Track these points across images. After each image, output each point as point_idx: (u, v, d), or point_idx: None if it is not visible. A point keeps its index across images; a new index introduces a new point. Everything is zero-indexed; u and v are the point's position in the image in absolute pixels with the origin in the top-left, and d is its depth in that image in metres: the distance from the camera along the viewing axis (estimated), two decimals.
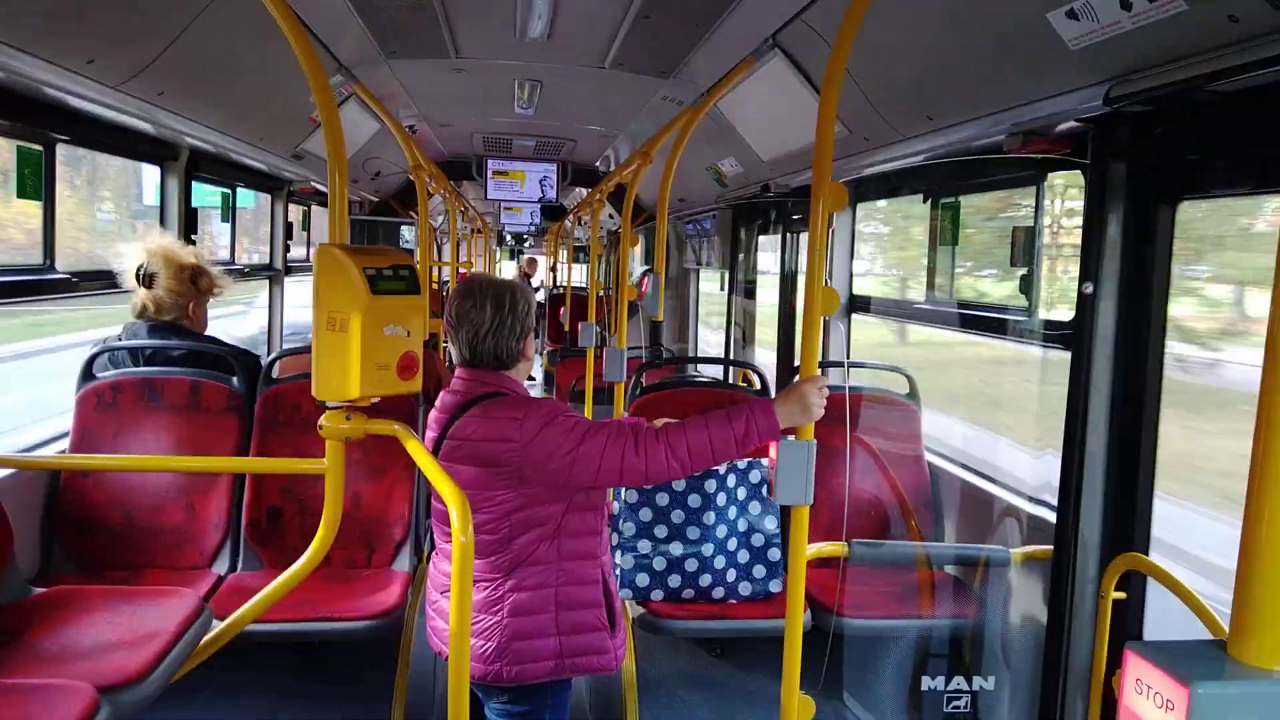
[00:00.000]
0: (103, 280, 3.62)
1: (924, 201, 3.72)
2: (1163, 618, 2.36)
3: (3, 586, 2.19)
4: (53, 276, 3.29)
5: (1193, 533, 4.59)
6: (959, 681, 2.76)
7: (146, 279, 3.47)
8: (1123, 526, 2.36)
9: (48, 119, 3.13)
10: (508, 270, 20.75)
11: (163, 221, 4.25)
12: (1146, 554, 2.31)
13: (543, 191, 7.79)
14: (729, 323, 6.33)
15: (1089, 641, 2.33)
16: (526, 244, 19.68)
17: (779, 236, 5.38)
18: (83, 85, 2.75)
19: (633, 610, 3.31)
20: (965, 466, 3.77)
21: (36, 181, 3.17)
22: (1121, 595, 2.28)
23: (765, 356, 6.29)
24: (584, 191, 8.82)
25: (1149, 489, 2.37)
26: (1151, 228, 2.32)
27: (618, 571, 3.29)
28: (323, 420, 2.09)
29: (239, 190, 5.17)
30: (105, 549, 3.29)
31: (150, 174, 4.32)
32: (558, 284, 12.59)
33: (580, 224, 9.57)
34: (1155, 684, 1.00)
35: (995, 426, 7.15)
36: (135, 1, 2.56)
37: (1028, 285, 2.91)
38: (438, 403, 2.41)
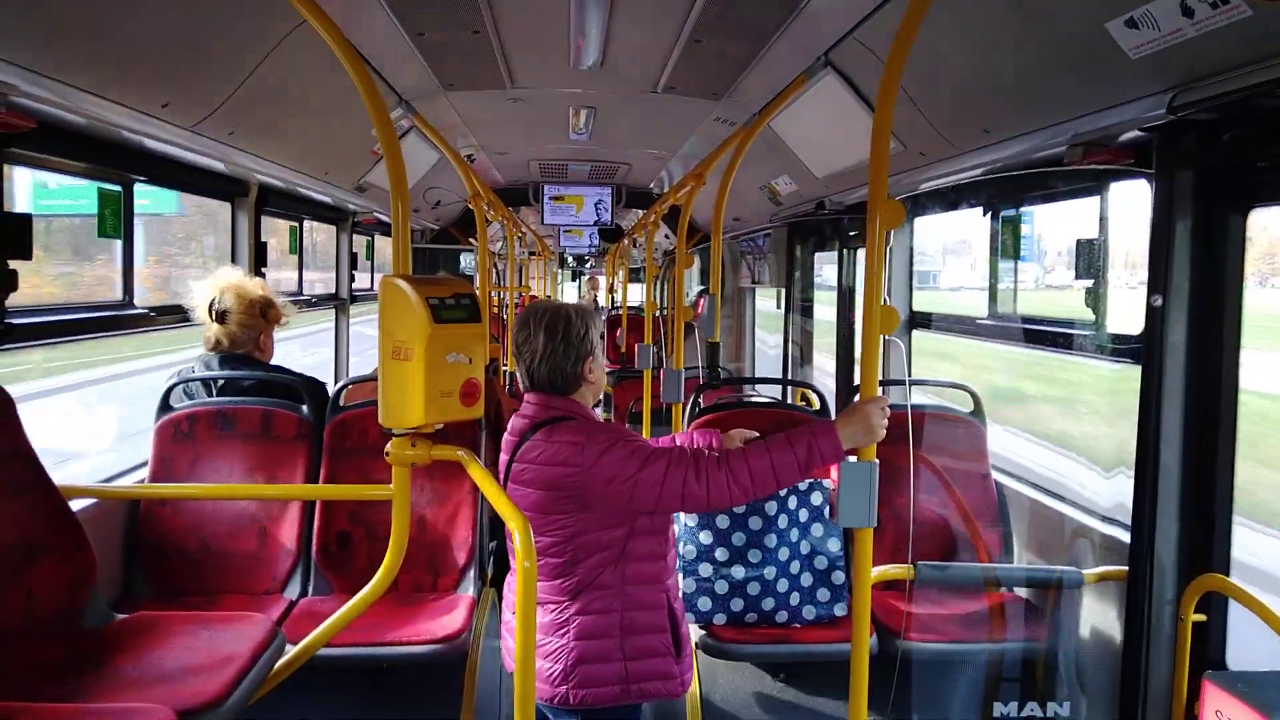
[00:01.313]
0: (177, 314, 3.75)
1: (984, 215, 3.66)
2: (1244, 641, 2.28)
3: (88, 612, 2.27)
4: (132, 312, 3.43)
5: None
6: (1032, 708, 2.68)
7: (219, 315, 3.60)
8: (1201, 546, 2.28)
9: (126, 160, 3.27)
10: (569, 291, 20.91)
11: (234, 256, 4.39)
12: (1227, 575, 2.23)
13: (598, 215, 7.87)
14: (786, 341, 6.30)
15: (1168, 666, 2.25)
16: (588, 264, 19.85)
17: (836, 253, 5.34)
18: (159, 128, 2.87)
19: (695, 634, 3.30)
20: (1035, 485, 3.68)
21: (116, 221, 3.31)
22: (1201, 618, 2.20)
23: (823, 374, 6.23)
24: (640, 212, 8.88)
25: (1227, 507, 2.29)
26: (1221, 237, 2.25)
27: (680, 595, 3.29)
28: (389, 447, 2.14)
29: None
30: (182, 575, 3.39)
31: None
32: (615, 305, 12.66)
33: (636, 245, 9.63)
34: (1235, 716, 0.97)
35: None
36: (208, 46, 2.67)
37: (1094, 298, 2.85)
38: (509, 426, 2.44)
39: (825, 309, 5.85)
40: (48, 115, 2.57)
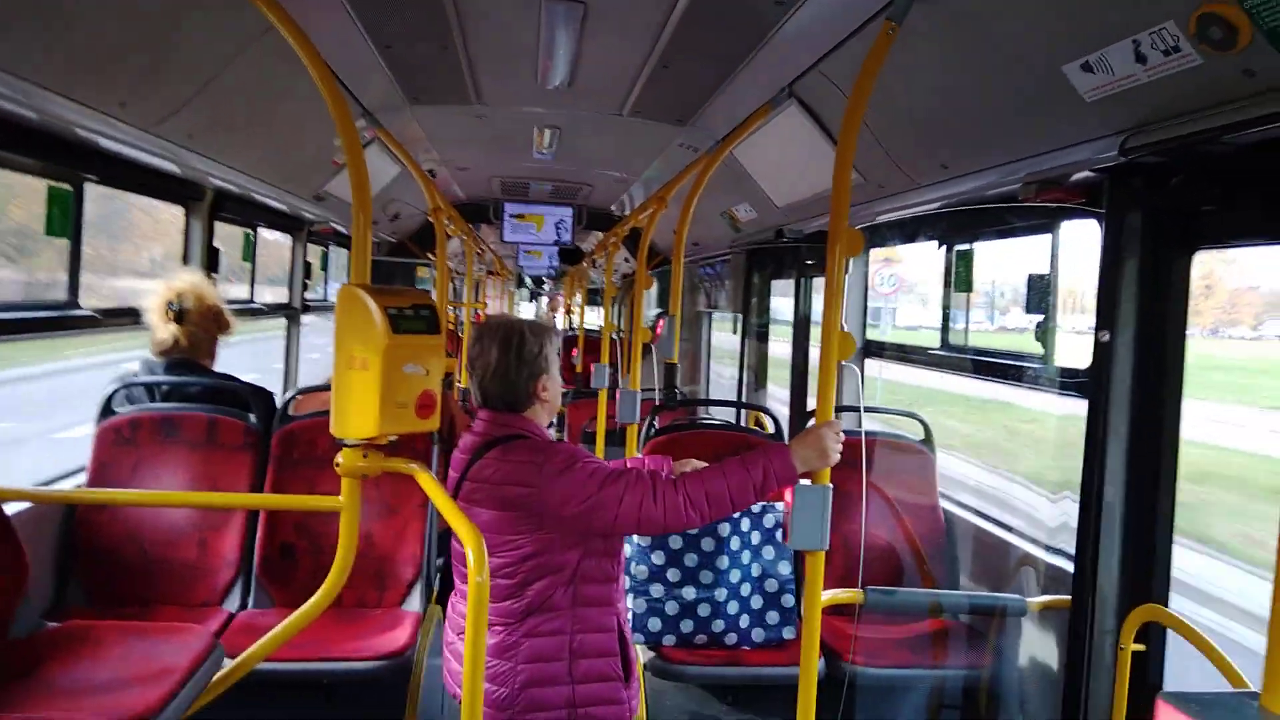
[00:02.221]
0: (127, 317, 3.66)
1: (939, 248, 3.74)
2: (1181, 670, 2.33)
3: (17, 621, 2.19)
4: (77, 313, 3.34)
5: None
6: None
7: (178, 314, 3.53)
8: (1141, 577, 2.34)
9: (78, 159, 3.20)
10: (526, 312, 20.90)
11: (185, 260, 4.31)
12: (1166, 605, 2.28)
13: (559, 234, 7.88)
14: (742, 365, 6.34)
15: (1108, 693, 2.30)
16: (545, 286, 19.85)
17: (793, 281, 5.41)
18: (114, 127, 2.81)
19: (644, 655, 3.28)
20: (980, 514, 3.74)
21: (64, 220, 3.23)
22: (1141, 647, 2.25)
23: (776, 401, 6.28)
24: (600, 235, 8.91)
25: (1167, 539, 2.35)
26: (1167, 276, 2.33)
27: (629, 615, 3.27)
28: (339, 457, 2.11)
29: None
30: (118, 584, 3.29)
31: None
32: (572, 326, 12.66)
33: (595, 266, 9.66)
34: None
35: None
36: (172, 46, 2.63)
37: (1043, 333, 2.92)
38: (460, 443, 2.41)
39: (780, 341, 5.93)
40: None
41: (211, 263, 4.37)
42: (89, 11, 2.23)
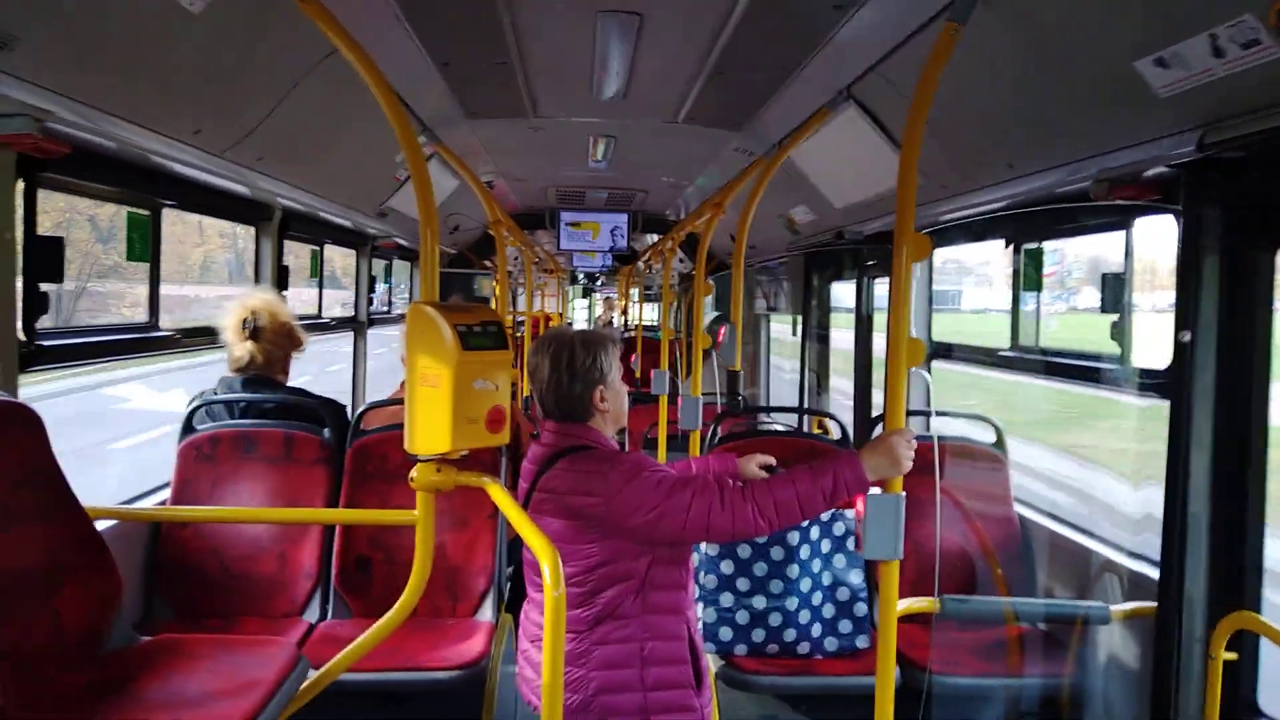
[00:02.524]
0: (204, 336, 3.78)
1: (1006, 247, 3.67)
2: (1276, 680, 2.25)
3: (113, 635, 2.27)
4: (158, 334, 3.46)
5: None
6: None
7: (254, 332, 3.63)
8: (1231, 583, 2.26)
9: (155, 185, 3.31)
10: (579, 310, 20.97)
11: (257, 279, 4.43)
12: (1258, 612, 2.20)
13: (614, 240, 7.91)
14: (803, 369, 6.29)
15: (1198, 705, 2.23)
16: (599, 283, 19.90)
17: (854, 283, 5.35)
18: (188, 154, 2.91)
19: (715, 664, 3.27)
20: (1057, 518, 3.65)
21: (144, 245, 3.35)
22: (1232, 656, 2.17)
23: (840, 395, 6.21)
24: (654, 236, 8.93)
25: (1258, 544, 2.27)
26: (1249, 273, 2.26)
27: (700, 625, 3.27)
28: (414, 472, 2.14)
29: None
30: (202, 598, 3.39)
31: None
32: (628, 327, 12.68)
33: (650, 270, 9.68)
34: None
35: None
36: (240, 74, 2.71)
37: (1120, 332, 2.84)
38: (528, 454, 2.44)
39: (839, 333, 5.86)
40: (81, 140, 2.61)
41: (281, 281, 4.49)
42: (161, 44, 2.32)
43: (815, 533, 3.35)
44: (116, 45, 2.21)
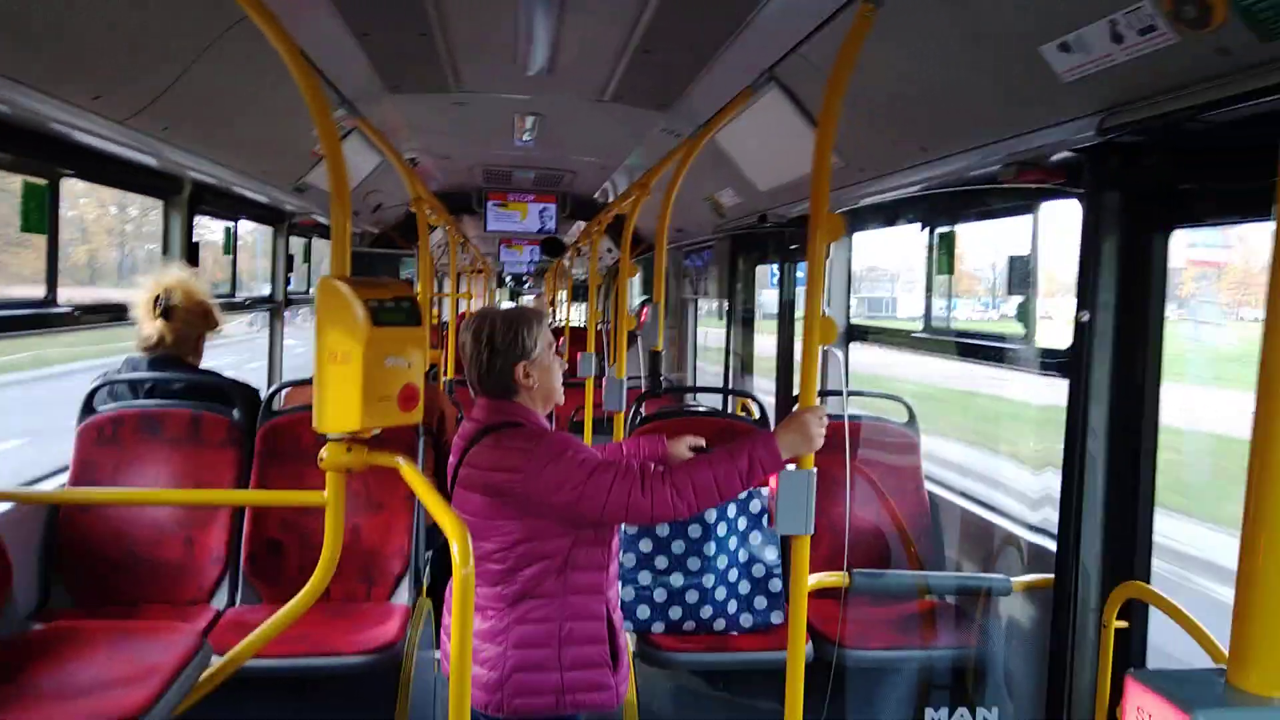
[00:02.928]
0: (106, 313, 3.63)
1: (921, 230, 3.75)
2: (1166, 647, 2.35)
3: (1, 622, 2.18)
4: (55, 310, 3.30)
5: None
6: (962, 713, 2.74)
7: (165, 311, 3.50)
8: (1123, 555, 2.36)
9: (53, 153, 3.16)
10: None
11: (165, 254, 4.27)
12: (1148, 582, 2.30)
13: (542, 223, 7.84)
14: (727, 352, 6.35)
15: (1092, 671, 2.32)
16: (526, 284, 19.71)
17: (777, 266, 5.41)
18: (88, 120, 2.78)
19: (633, 642, 3.29)
20: (966, 495, 3.76)
21: (41, 215, 3.19)
22: (1124, 624, 2.27)
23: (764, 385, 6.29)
24: (583, 224, 8.89)
25: (1149, 517, 2.37)
26: (1146, 255, 2.34)
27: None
28: (323, 452, 2.10)
29: None
30: (104, 584, 3.27)
31: None
32: (556, 318, 12.64)
33: (580, 255, 9.65)
34: (1156, 712, 1.00)
35: None
36: (142, 38, 2.59)
37: (1024, 313, 2.93)
38: (460, 429, 2.44)
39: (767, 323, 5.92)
40: None
41: (191, 257, 4.33)
42: (57, 3, 2.20)
43: (732, 510, 3.39)
44: (6, 4, 2.09)
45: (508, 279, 18.54)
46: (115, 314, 3.60)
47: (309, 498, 2.26)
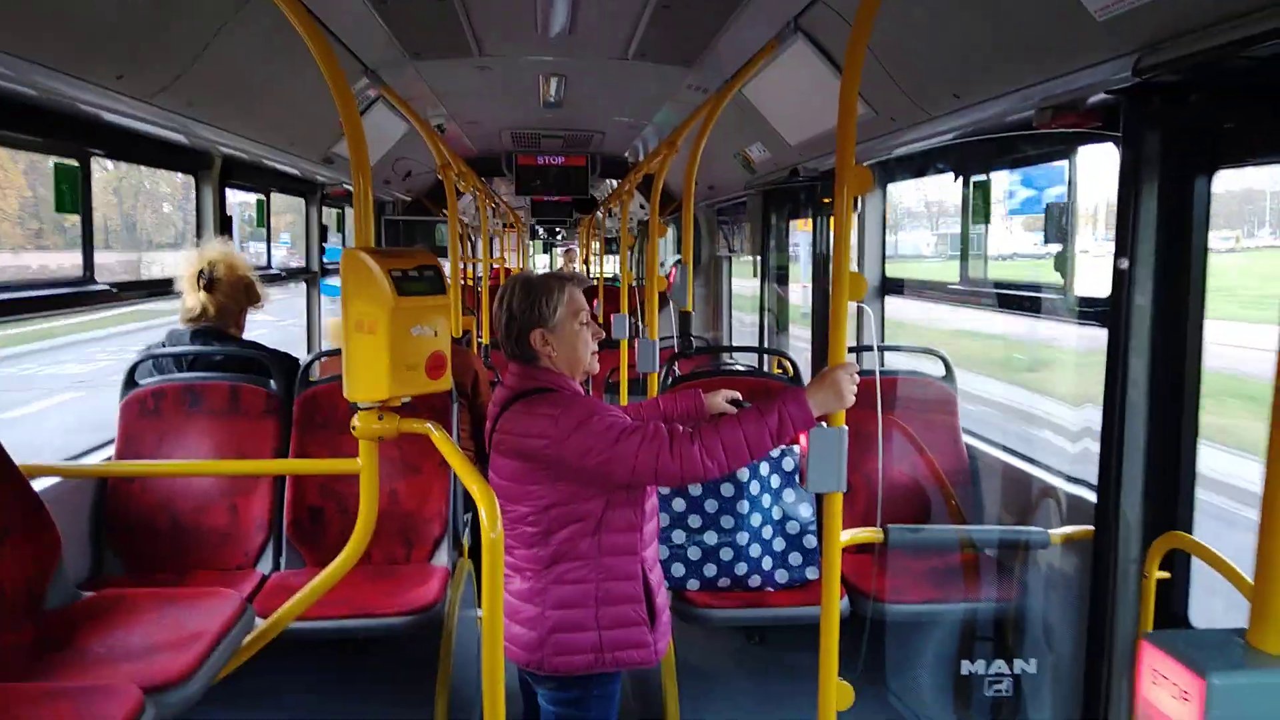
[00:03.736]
0: (143, 289, 3.69)
1: (955, 179, 3.66)
2: (1204, 598, 2.32)
3: (52, 591, 2.25)
4: (93, 288, 3.36)
5: None
6: (1000, 665, 2.73)
7: (208, 283, 3.55)
8: (1165, 505, 2.31)
9: (82, 134, 3.20)
10: (541, 263, 20.82)
11: (199, 230, 4.32)
12: (1190, 533, 2.26)
13: (572, 183, 7.79)
14: (762, 309, 6.30)
15: (1133, 623, 2.29)
16: (559, 236, 19.75)
17: (810, 220, 5.33)
18: (115, 100, 2.80)
19: (669, 600, 3.32)
20: (1004, 448, 3.71)
21: (74, 195, 3.24)
22: (1165, 575, 2.23)
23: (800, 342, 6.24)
24: (614, 183, 8.82)
25: (1191, 467, 2.31)
26: (1187, 199, 2.26)
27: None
28: (355, 421, 2.13)
29: None
30: (152, 552, 3.36)
31: None
32: (590, 277, 12.62)
33: (611, 215, 9.59)
34: (1171, 675, 0.98)
35: None
36: (162, 16, 2.60)
37: (1062, 262, 2.86)
38: (494, 395, 2.47)
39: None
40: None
41: (224, 230, 4.38)
42: None
43: (765, 468, 3.39)
44: None
45: (540, 231, 18.56)
46: (152, 290, 3.66)
47: (343, 465, 2.30)
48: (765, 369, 5.50)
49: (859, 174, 2.11)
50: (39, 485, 2.38)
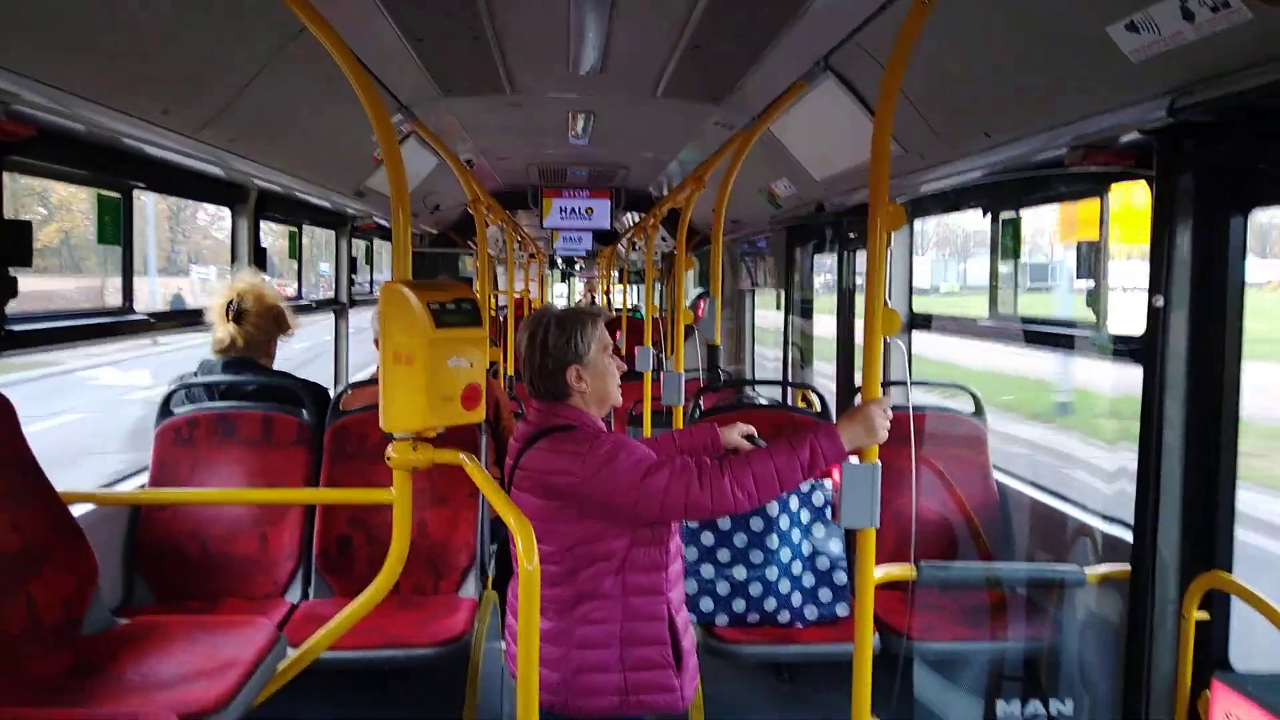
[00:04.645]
0: (179, 319, 3.75)
1: (984, 216, 3.67)
2: (1246, 639, 2.28)
3: (89, 619, 2.27)
4: (132, 318, 3.42)
5: None
6: (1035, 706, 2.69)
7: (236, 315, 3.61)
8: (1203, 544, 2.28)
9: (125, 167, 3.27)
10: (559, 293, 20.89)
11: (233, 260, 4.40)
12: (1229, 572, 2.23)
13: (596, 218, 7.86)
14: (786, 343, 6.30)
15: (1171, 663, 2.26)
16: (578, 268, 19.88)
17: (835, 255, 5.35)
18: (158, 134, 2.88)
19: (697, 635, 3.29)
20: (1036, 485, 3.68)
21: (115, 228, 3.32)
22: (1204, 615, 2.20)
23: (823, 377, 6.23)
24: (635, 215, 8.88)
25: (1230, 505, 2.29)
26: (1222, 238, 2.26)
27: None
28: (390, 451, 2.14)
29: None
30: (183, 580, 3.38)
31: None
32: (612, 309, 12.66)
33: (635, 248, 9.64)
34: (1246, 717, 0.97)
35: None
36: (208, 53, 2.67)
37: (1094, 299, 2.85)
38: (515, 431, 2.46)
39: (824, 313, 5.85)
40: (47, 123, 2.57)
41: (259, 261, 4.45)
42: (126, 23, 2.28)
43: (794, 503, 3.37)
44: (80, 25, 2.17)
45: (559, 261, 18.69)
46: (188, 320, 3.72)
47: (377, 495, 2.32)
48: (790, 403, 5.49)
49: (892, 211, 2.12)
50: (75, 512, 2.41)
